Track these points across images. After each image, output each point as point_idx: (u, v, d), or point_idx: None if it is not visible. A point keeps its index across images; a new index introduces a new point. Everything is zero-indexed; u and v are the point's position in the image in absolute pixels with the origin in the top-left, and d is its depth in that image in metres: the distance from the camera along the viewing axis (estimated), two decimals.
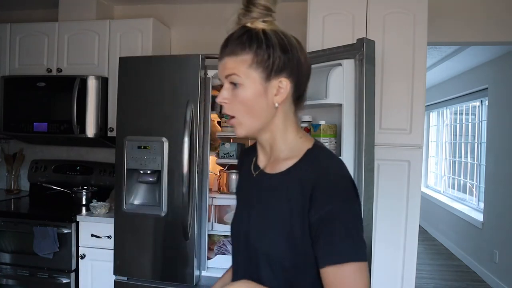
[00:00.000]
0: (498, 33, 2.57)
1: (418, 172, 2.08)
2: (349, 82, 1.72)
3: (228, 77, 0.86)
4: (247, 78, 0.84)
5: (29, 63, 2.78)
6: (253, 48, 0.84)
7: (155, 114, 2.14)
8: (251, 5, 0.87)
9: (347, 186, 0.84)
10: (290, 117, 0.91)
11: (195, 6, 2.99)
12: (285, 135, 0.90)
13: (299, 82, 0.88)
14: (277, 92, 0.86)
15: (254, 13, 0.86)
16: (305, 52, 0.89)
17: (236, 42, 0.86)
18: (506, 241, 3.73)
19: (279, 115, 0.88)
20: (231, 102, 0.86)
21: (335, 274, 0.79)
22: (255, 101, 0.85)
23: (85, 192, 2.75)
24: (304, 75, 0.89)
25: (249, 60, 0.84)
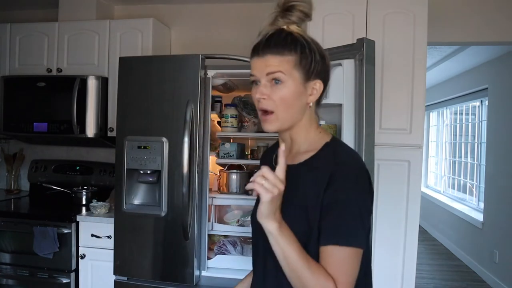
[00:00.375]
0: (497, 33, 2.58)
1: (418, 172, 2.08)
2: (349, 82, 1.72)
3: (270, 74, 0.91)
4: (290, 77, 0.91)
5: (29, 63, 2.79)
6: (298, 50, 0.92)
7: (155, 114, 2.14)
8: (292, 9, 0.92)
9: (363, 177, 0.92)
10: (313, 115, 1.00)
11: (195, 6, 2.99)
12: (308, 131, 0.99)
13: (326, 85, 0.99)
14: (311, 92, 0.95)
15: (293, 17, 0.92)
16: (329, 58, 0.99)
17: (281, 42, 0.91)
18: (506, 241, 3.73)
19: (307, 113, 0.97)
20: (269, 98, 0.92)
21: (333, 253, 0.86)
22: (294, 99, 0.93)
23: (85, 192, 2.75)
24: (329, 79, 1.00)
25: (293, 61, 0.91)
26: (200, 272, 2.15)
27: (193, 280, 2.09)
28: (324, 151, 0.96)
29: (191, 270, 2.09)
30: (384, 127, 2.10)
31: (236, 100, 2.43)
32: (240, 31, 2.88)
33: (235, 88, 2.59)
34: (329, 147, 0.97)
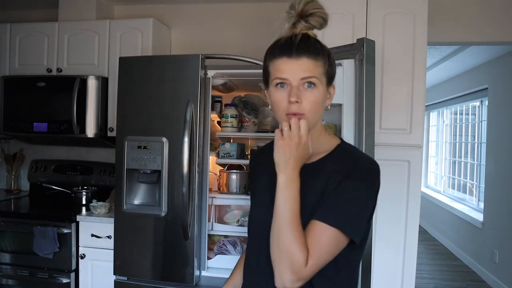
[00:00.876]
0: (497, 33, 2.57)
1: (418, 172, 2.08)
2: (349, 82, 1.72)
3: (306, 79, 0.92)
4: (320, 82, 0.94)
5: (29, 63, 2.79)
6: (326, 56, 0.95)
7: (155, 114, 2.14)
8: (313, 15, 0.96)
9: (373, 178, 0.95)
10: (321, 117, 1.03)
11: (195, 6, 2.99)
12: (318, 132, 1.01)
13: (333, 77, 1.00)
14: (329, 96, 0.99)
15: (314, 22, 0.97)
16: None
17: (314, 47, 0.94)
18: (506, 241, 3.74)
19: (321, 116, 1.00)
20: (301, 101, 0.92)
21: (319, 229, 0.88)
22: (321, 103, 0.96)
23: (85, 192, 2.75)
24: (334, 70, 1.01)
25: (323, 67, 0.94)
26: (200, 272, 2.15)
27: (193, 280, 2.09)
28: (338, 152, 1.00)
29: (191, 270, 2.09)
30: (384, 127, 2.10)
31: (236, 100, 2.43)
32: (240, 31, 2.89)
33: (235, 88, 2.59)
34: (342, 148, 1.01)
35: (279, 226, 0.88)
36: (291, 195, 0.89)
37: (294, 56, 0.92)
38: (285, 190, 0.89)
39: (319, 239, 0.87)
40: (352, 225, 0.90)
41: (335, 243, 0.88)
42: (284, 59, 0.92)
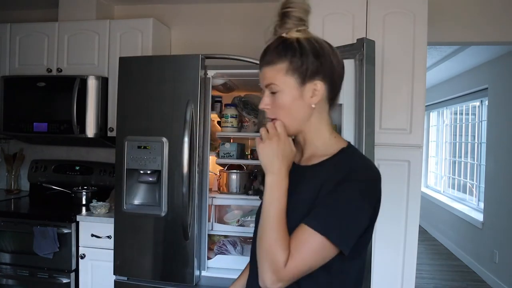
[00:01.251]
0: (498, 33, 2.57)
1: (418, 172, 2.08)
2: (349, 82, 1.72)
3: (267, 86, 0.95)
4: (284, 85, 0.93)
5: (29, 63, 2.79)
6: (288, 56, 0.92)
7: (155, 114, 2.14)
8: (286, 17, 0.93)
9: (373, 188, 0.91)
10: (324, 116, 0.99)
11: (195, 6, 2.99)
12: (319, 133, 0.99)
13: (333, 83, 0.96)
14: (313, 94, 0.94)
15: (289, 24, 0.93)
16: (337, 55, 0.97)
17: (273, 52, 0.94)
18: (506, 241, 3.74)
19: (315, 114, 0.97)
20: (272, 107, 0.95)
21: (305, 233, 0.86)
22: (293, 104, 0.94)
23: (85, 192, 2.75)
24: (338, 77, 0.97)
25: (285, 68, 0.92)
26: (200, 272, 2.15)
27: (193, 280, 2.09)
28: (339, 156, 0.96)
29: (191, 270, 2.09)
30: (384, 127, 2.10)
31: (236, 100, 2.43)
32: (240, 31, 2.89)
33: (235, 88, 2.59)
34: (345, 152, 0.97)
35: (264, 225, 0.89)
36: (277, 195, 0.89)
37: (259, 67, 0.97)
38: (271, 190, 0.90)
39: (303, 243, 0.85)
40: (340, 234, 0.86)
41: (321, 250, 0.86)
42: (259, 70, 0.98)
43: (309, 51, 0.93)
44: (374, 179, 0.92)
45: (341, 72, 0.98)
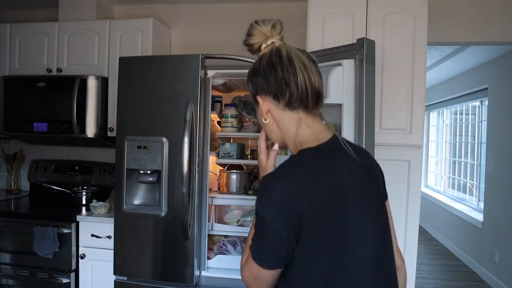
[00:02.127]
0: (498, 33, 2.57)
1: (418, 172, 2.08)
2: (349, 82, 1.72)
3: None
4: (255, 104, 0.99)
5: (29, 63, 2.78)
6: (248, 79, 0.99)
7: (155, 114, 2.14)
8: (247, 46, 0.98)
9: (261, 190, 0.90)
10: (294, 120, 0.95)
11: (195, 6, 2.99)
12: (288, 142, 0.98)
13: (277, 91, 0.92)
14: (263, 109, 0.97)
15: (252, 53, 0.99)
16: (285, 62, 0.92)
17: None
18: (506, 241, 3.73)
19: (283, 124, 0.96)
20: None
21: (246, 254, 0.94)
22: (261, 122, 1.00)
23: (85, 192, 2.75)
24: (280, 82, 0.92)
25: (250, 89, 1.00)
26: (200, 272, 2.15)
27: (193, 280, 2.09)
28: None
29: (191, 270, 2.09)
30: (384, 127, 2.10)
31: (236, 100, 2.43)
32: (240, 31, 2.84)
33: (235, 88, 2.59)
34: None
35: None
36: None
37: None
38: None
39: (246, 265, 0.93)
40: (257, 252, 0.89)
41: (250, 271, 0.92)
42: None
43: (251, 71, 0.97)
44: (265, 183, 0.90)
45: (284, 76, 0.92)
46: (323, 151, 0.91)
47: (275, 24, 0.96)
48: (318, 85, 0.93)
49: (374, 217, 0.94)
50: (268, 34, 0.95)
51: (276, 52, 0.93)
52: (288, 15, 2.78)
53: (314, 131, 0.94)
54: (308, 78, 0.91)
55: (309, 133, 0.94)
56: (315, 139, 0.93)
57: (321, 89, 0.94)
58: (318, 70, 0.96)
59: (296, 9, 2.72)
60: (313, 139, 0.93)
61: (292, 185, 0.85)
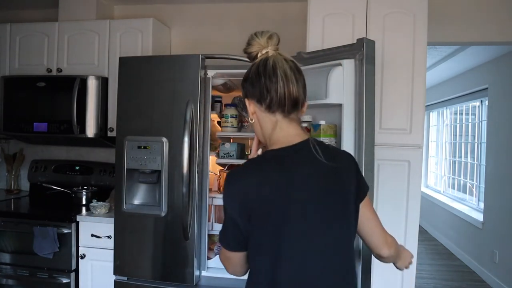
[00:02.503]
0: (498, 33, 2.57)
1: (418, 172, 2.08)
2: (349, 82, 1.72)
3: None
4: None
5: (29, 63, 2.78)
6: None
7: (155, 114, 2.14)
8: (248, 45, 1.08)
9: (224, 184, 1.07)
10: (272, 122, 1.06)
11: (195, 6, 2.99)
12: (271, 138, 1.07)
13: (260, 95, 1.05)
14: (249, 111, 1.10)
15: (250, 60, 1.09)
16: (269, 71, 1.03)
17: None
18: (506, 241, 3.74)
19: (263, 124, 1.08)
20: None
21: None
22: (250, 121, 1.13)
23: (85, 192, 2.75)
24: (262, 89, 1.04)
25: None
26: (200, 272, 2.15)
27: (193, 280, 2.09)
28: None
29: (191, 270, 2.09)
30: (384, 127, 2.10)
31: (236, 100, 2.43)
32: (240, 31, 2.88)
33: (235, 88, 2.59)
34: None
35: None
36: None
37: None
38: None
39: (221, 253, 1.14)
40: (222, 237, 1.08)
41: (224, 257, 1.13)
42: None
43: (243, 78, 1.10)
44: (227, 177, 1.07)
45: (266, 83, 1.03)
46: (283, 153, 1.03)
47: (272, 36, 1.07)
48: (295, 93, 1.04)
49: (332, 216, 1.02)
50: (264, 45, 1.06)
51: (263, 62, 1.04)
52: (288, 15, 2.79)
53: (287, 134, 1.06)
54: (287, 87, 1.02)
55: (281, 135, 1.06)
56: (285, 141, 1.05)
57: (298, 97, 1.04)
58: (301, 78, 1.06)
59: (296, 9, 2.72)
60: (283, 141, 1.05)
61: (245, 181, 1.01)
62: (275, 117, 1.05)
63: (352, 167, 1.09)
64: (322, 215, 1.01)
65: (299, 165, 1.02)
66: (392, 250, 1.17)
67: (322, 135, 1.75)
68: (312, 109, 1.91)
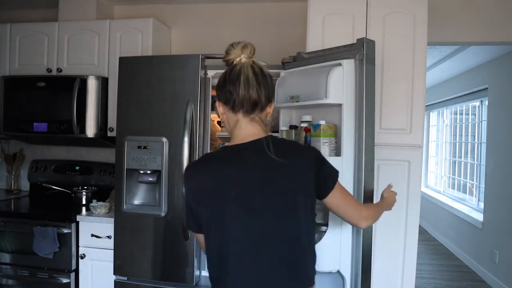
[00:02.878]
0: (498, 33, 2.57)
1: (418, 172, 2.08)
2: (349, 82, 1.72)
3: None
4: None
5: (29, 63, 2.78)
6: None
7: (155, 114, 2.14)
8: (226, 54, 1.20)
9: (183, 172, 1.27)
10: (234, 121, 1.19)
11: (195, 6, 2.99)
12: (231, 135, 1.21)
13: (226, 98, 1.18)
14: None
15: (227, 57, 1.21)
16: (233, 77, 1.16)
17: None
18: (506, 241, 3.73)
19: (229, 122, 1.21)
20: None
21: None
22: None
23: (85, 192, 2.75)
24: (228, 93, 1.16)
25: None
26: (200, 272, 2.15)
27: (193, 280, 2.10)
28: None
29: (191, 270, 2.09)
30: (384, 127, 2.10)
31: None
32: (240, 31, 2.88)
33: None
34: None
35: None
36: None
37: None
38: None
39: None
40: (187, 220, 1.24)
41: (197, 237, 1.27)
42: None
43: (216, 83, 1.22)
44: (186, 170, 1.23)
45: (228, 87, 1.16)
46: (236, 148, 1.17)
47: (246, 45, 1.19)
48: (254, 96, 1.15)
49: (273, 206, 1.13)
50: (239, 54, 1.18)
51: (230, 69, 1.18)
52: (288, 15, 2.79)
53: (245, 132, 1.18)
54: (246, 90, 1.14)
55: (239, 132, 1.19)
56: (242, 138, 1.17)
57: (257, 99, 1.16)
58: (265, 83, 1.17)
59: (296, 9, 2.72)
60: (240, 138, 1.18)
61: (198, 172, 1.18)
62: (237, 117, 1.18)
63: (310, 163, 1.18)
64: (263, 205, 1.12)
65: (247, 160, 1.14)
66: (369, 221, 1.33)
67: (322, 135, 1.75)
68: (312, 109, 1.91)
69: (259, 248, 1.12)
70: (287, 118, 2.03)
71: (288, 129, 1.94)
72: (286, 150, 1.16)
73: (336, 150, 1.77)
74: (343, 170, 1.68)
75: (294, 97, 1.85)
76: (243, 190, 1.13)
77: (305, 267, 1.18)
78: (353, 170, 1.71)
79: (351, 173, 1.70)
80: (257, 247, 1.12)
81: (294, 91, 1.87)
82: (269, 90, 1.19)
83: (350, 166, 1.71)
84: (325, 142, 1.74)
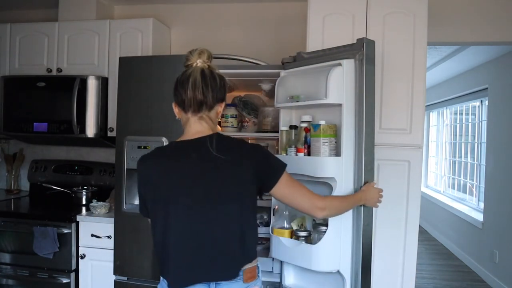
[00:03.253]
0: (498, 33, 2.57)
1: (418, 172, 2.08)
2: (349, 82, 1.72)
3: None
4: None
5: (29, 63, 2.79)
6: None
7: (155, 114, 2.14)
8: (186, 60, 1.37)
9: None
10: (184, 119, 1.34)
11: (195, 6, 2.99)
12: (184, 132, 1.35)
13: (178, 99, 1.32)
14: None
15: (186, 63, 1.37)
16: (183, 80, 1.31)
17: None
18: (506, 241, 3.74)
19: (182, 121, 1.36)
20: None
21: None
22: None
23: (85, 192, 2.75)
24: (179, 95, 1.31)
25: None
26: None
27: None
28: None
29: None
30: (384, 127, 2.10)
31: (236, 100, 2.43)
32: (240, 31, 2.89)
33: (235, 88, 2.59)
34: None
35: None
36: None
37: None
38: None
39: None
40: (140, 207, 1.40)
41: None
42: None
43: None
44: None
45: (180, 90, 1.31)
46: (181, 144, 1.32)
47: (202, 52, 1.34)
48: (200, 97, 1.28)
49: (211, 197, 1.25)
50: (196, 59, 1.33)
51: (182, 74, 1.32)
52: (288, 15, 2.79)
53: (193, 129, 1.32)
54: (193, 92, 1.28)
55: (188, 130, 1.33)
56: (189, 135, 1.32)
57: (203, 100, 1.28)
58: (215, 85, 1.30)
59: (296, 9, 2.72)
60: (187, 135, 1.32)
61: (146, 164, 1.32)
62: (187, 116, 1.32)
63: (251, 158, 1.28)
64: (199, 195, 1.24)
65: (190, 154, 1.27)
66: (326, 212, 1.39)
67: (322, 135, 1.75)
68: (312, 109, 1.91)
69: (196, 235, 1.24)
70: (287, 118, 2.03)
71: (288, 129, 1.94)
72: (228, 147, 1.29)
73: (336, 150, 1.76)
74: (343, 170, 1.68)
75: (294, 97, 1.85)
76: (183, 181, 1.26)
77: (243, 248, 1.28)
78: (353, 170, 1.71)
79: (351, 173, 1.70)
80: (194, 233, 1.24)
81: (294, 91, 1.87)
82: (218, 91, 1.31)
83: (350, 166, 1.71)
84: (325, 142, 1.74)
